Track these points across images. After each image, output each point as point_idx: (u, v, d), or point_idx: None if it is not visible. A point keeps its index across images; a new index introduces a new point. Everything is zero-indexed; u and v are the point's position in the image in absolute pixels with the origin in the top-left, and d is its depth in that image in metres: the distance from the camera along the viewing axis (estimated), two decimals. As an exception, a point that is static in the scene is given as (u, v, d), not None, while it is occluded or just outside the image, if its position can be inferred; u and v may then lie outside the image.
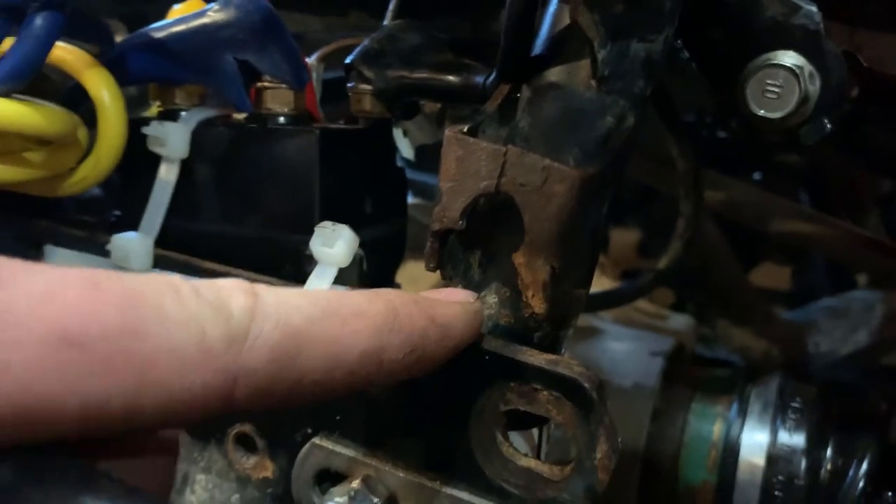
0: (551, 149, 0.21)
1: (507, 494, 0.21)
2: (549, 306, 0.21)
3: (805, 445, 0.33)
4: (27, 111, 0.21)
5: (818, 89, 0.28)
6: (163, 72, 0.26)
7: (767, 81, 0.28)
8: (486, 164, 0.20)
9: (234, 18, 0.24)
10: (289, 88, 0.25)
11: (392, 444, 0.22)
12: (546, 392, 0.20)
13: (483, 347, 0.21)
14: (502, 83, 0.23)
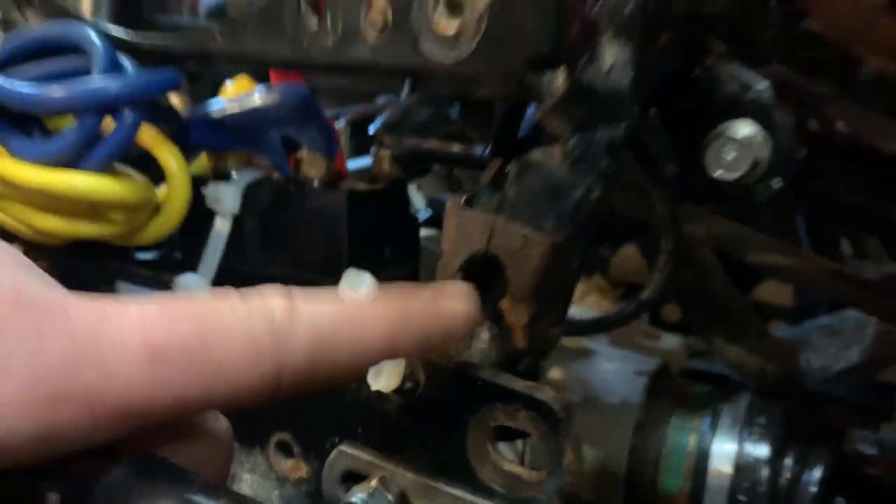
0: (532, 216, 0.26)
1: (495, 493, 0.26)
2: (529, 343, 0.26)
3: (768, 456, 0.38)
4: (116, 185, 0.26)
5: (769, 154, 0.32)
6: (218, 142, 0.31)
7: (724, 147, 0.32)
8: (478, 231, 0.25)
9: (277, 102, 0.29)
10: (321, 157, 0.31)
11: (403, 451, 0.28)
12: (525, 412, 0.25)
13: (478, 376, 0.26)
14: (495, 157, 0.28)
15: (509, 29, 0.21)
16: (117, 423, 0.18)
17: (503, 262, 0.25)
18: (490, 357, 0.27)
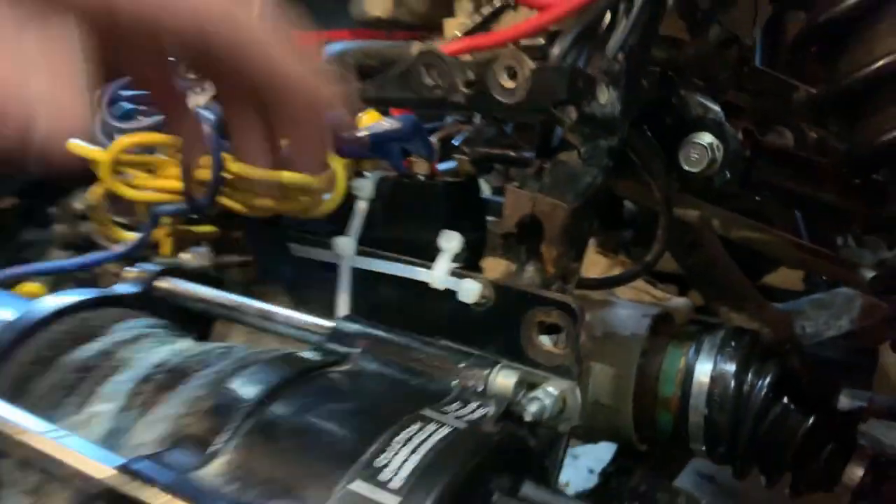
0: (559, 193, 0.42)
1: (537, 364, 0.43)
2: (557, 271, 0.42)
3: (734, 371, 0.53)
4: (307, 178, 0.44)
5: (722, 154, 0.48)
6: (360, 153, 0.49)
7: (692, 150, 0.48)
8: (526, 202, 0.42)
9: (398, 127, 0.47)
10: (425, 160, 0.48)
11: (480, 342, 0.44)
12: (556, 311, 0.42)
13: (527, 290, 0.42)
14: (536, 158, 0.45)
15: (543, 85, 0.38)
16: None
17: (542, 221, 0.41)
18: (535, 281, 0.43)
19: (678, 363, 0.56)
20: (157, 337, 0.37)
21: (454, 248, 0.45)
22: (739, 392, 0.54)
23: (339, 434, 0.28)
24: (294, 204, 0.46)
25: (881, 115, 0.38)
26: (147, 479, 0.26)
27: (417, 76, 0.40)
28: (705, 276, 0.76)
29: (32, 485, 0.32)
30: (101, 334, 0.36)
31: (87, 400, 0.33)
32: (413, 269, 0.45)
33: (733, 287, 0.78)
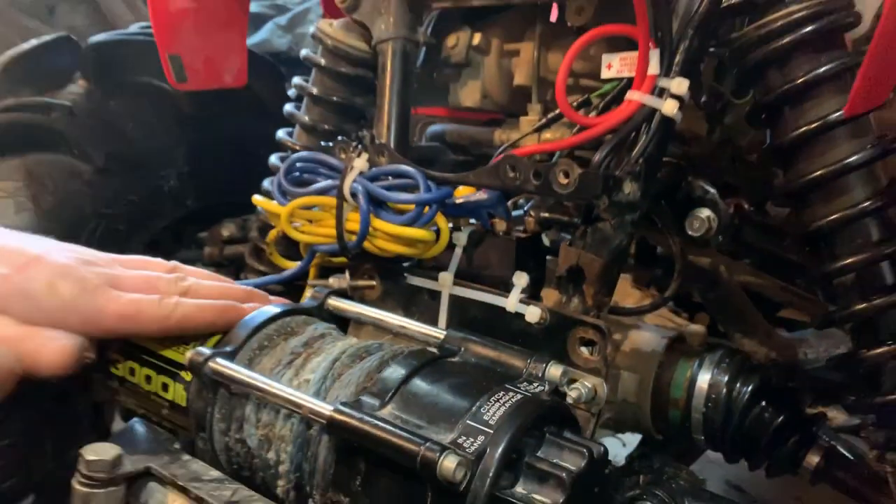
0: (596, 250, 0.62)
1: (577, 366, 0.62)
2: (593, 303, 0.62)
3: (726, 380, 0.72)
4: (426, 234, 0.65)
5: (716, 224, 0.68)
6: (457, 213, 0.70)
7: (694, 221, 0.68)
8: (573, 256, 0.62)
9: (486, 197, 0.67)
10: (504, 220, 0.69)
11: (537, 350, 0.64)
12: (592, 330, 0.61)
13: (571, 316, 0.62)
14: (582, 225, 0.65)
15: (586, 184, 0.58)
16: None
17: (583, 269, 0.61)
18: (578, 309, 0.63)
19: (686, 373, 0.75)
20: (334, 335, 0.59)
21: (523, 283, 0.65)
22: (729, 396, 0.72)
23: (457, 396, 0.49)
24: (413, 250, 0.67)
25: (811, 210, 0.57)
26: (350, 414, 0.47)
27: (504, 171, 0.61)
28: (722, 308, 0.94)
29: (264, 421, 0.53)
30: (300, 332, 0.58)
31: (298, 372, 0.54)
32: (494, 297, 0.66)
33: (745, 317, 0.95)
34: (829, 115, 0.57)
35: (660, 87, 0.60)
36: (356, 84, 0.83)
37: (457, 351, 0.55)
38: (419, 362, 0.52)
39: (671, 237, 0.73)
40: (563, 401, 0.53)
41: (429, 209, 0.65)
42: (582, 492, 0.46)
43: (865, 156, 0.56)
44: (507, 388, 0.49)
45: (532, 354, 0.55)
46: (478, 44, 0.80)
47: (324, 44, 0.83)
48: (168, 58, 0.81)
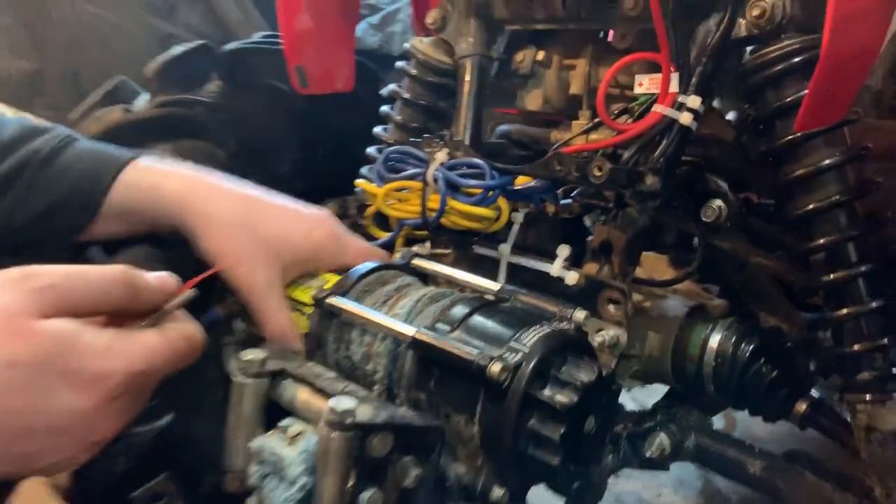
0: (623, 230, 0.79)
1: (604, 319, 0.80)
2: (619, 270, 0.79)
3: (732, 341, 0.88)
4: (490, 212, 0.83)
5: (726, 212, 0.83)
6: (516, 198, 0.88)
7: (707, 210, 0.84)
8: (605, 232, 0.79)
9: (539, 185, 0.85)
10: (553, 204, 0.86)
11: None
12: (617, 292, 0.79)
13: (603, 280, 0.80)
14: (614, 208, 0.82)
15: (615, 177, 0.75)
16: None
17: (612, 243, 0.78)
18: (607, 275, 0.80)
19: (701, 335, 0.91)
20: (417, 285, 0.78)
21: (565, 254, 0.83)
22: (734, 354, 0.88)
23: (504, 326, 0.67)
24: (479, 225, 0.86)
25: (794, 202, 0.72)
26: (428, 335, 0.66)
27: (553, 165, 0.79)
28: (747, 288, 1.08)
29: (366, 342, 0.73)
30: (392, 281, 0.77)
31: (391, 308, 0.74)
32: (542, 264, 0.84)
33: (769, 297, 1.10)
34: (811, 128, 0.73)
35: (679, 102, 0.76)
36: (440, 91, 1.02)
37: (507, 299, 0.74)
38: (479, 304, 0.70)
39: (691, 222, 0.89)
40: (583, 335, 0.71)
41: (492, 193, 0.83)
42: (592, 398, 0.63)
43: (837, 160, 0.72)
44: (542, 323, 0.68)
45: (564, 303, 0.72)
46: (541, 59, 0.97)
47: (416, 57, 1.02)
48: (294, 68, 1.01)
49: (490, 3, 0.95)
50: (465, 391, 0.65)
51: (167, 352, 0.57)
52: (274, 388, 0.70)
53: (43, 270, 0.52)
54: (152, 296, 0.59)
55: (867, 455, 0.74)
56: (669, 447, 0.84)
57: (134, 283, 0.57)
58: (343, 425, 0.59)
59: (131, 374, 0.53)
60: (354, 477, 0.62)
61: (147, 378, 0.56)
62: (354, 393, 0.67)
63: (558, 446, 0.62)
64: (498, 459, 0.65)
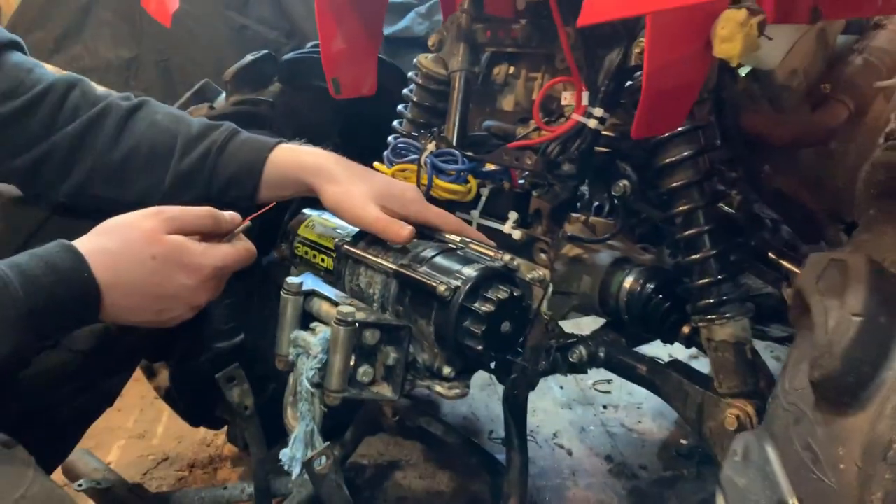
0: (553, 199, 1.13)
1: (537, 263, 1.14)
2: (547, 229, 1.13)
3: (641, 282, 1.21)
4: (464, 189, 1.18)
5: (630, 190, 1.16)
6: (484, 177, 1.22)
7: (616, 187, 1.17)
8: (536, 203, 1.12)
9: (500, 169, 1.20)
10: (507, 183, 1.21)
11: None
12: (545, 244, 1.13)
13: (537, 236, 1.14)
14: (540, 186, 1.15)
15: (540, 165, 1.09)
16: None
17: (542, 210, 1.12)
18: (540, 233, 1.14)
19: (620, 278, 1.24)
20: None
21: (513, 217, 1.17)
22: (641, 292, 1.21)
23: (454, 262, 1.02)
24: (456, 196, 1.21)
25: (663, 182, 1.05)
26: (407, 269, 1.02)
27: (502, 155, 1.13)
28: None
29: (368, 274, 1.10)
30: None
31: (385, 253, 1.10)
32: (499, 225, 1.19)
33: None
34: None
35: (589, 111, 1.09)
36: (439, 95, 1.37)
37: (463, 247, 1.09)
38: (441, 249, 1.06)
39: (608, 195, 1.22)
40: (509, 271, 1.05)
41: (463, 174, 1.18)
42: (507, 309, 0.99)
43: (689, 154, 1.04)
44: (481, 262, 1.03)
45: (500, 250, 1.07)
46: (512, 72, 1.31)
47: (421, 70, 1.37)
48: (331, 80, 1.38)
49: (474, 31, 1.29)
50: (426, 304, 1.01)
51: (236, 255, 0.95)
52: (306, 302, 1.08)
53: (168, 208, 0.90)
54: (227, 225, 0.96)
55: (710, 359, 1.06)
56: (586, 356, 1.19)
57: (217, 216, 0.94)
58: (346, 322, 0.96)
59: (216, 267, 0.92)
60: (354, 357, 0.99)
61: (225, 270, 0.93)
62: (357, 307, 1.04)
63: (481, 338, 0.97)
64: (446, 348, 1.01)
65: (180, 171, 1.09)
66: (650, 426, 1.97)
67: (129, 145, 1.08)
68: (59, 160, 1.06)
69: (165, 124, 1.10)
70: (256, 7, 3.11)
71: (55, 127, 1.05)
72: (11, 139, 1.03)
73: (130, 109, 1.11)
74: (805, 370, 0.64)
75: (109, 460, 1.81)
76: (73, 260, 0.81)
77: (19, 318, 0.75)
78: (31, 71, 1.05)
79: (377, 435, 1.80)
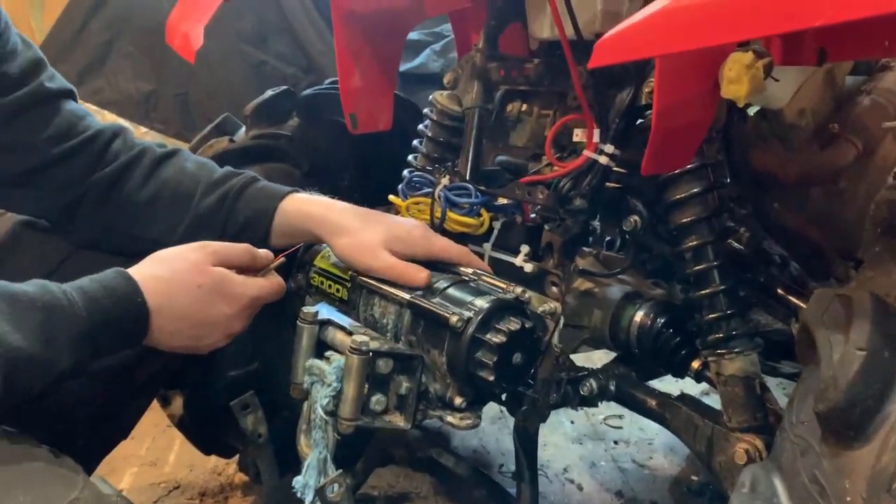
0: (564, 233, 1.15)
1: (549, 296, 1.16)
2: (559, 262, 1.14)
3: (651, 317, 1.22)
4: (475, 222, 1.21)
5: (640, 224, 1.18)
6: (496, 210, 1.25)
7: (627, 222, 1.19)
8: (548, 237, 1.15)
9: (512, 203, 1.22)
10: (519, 216, 1.23)
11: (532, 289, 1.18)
12: (556, 276, 1.15)
13: (549, 270, 1.16)
14: (559, 219, 1.17)
15: (551, 200, 1.11)
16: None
17: (553, 244, 1.14)
18: (551, 266, 1.16)
19: (631, 312, 1.25)
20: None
21: (525, 251, 1.19)
22: (651, 326, 1.22)
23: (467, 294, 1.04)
24: (468, 229, 1.23)
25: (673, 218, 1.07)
26: (418, 297, 1.04)
27: (514, 190, 1.16)
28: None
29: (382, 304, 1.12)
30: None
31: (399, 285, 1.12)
32: (511, 258, 1.21)
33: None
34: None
35: (600, 148, 1.12)
36: (453, 131, 1.40)
37: (475, 279, 1.11)
38: (454, 280, 1.08)
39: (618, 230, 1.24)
40: (519, 303, 1.07)
41: (476, 208, 1.21)
42: (518, 341, 1.00)
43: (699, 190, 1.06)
44: (493, 294, 1.05)
45: (512, 283, 1.09)
46: (525, 109, 1.34)
47: (436, 106, 1.41)
48: (349, 115, 1.41)
49: (488, 70, 1.33)
50: (439, 334, 1.03)
51: (270, 289, 1.04)
52: (321, 331, 1.10)
53: (212, 242, 0.99)
54: (262, 260, 1.05)
55: (720, 393, 1.07)
56: (597, 389, 1.20)
57: (254, 252, 1.03)
58: (360, 351, 0.98)
59: (253, 297, 1.00)
60: (367, 386, 1.00)
61: (259, 301, 1.02)
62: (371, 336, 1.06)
63: (492, 369, 0.99)
64: (458, 379, 1.03)
65: (198, 213, 1.13)
66: (661, 462, 1.97)
67: (156, 187, 1.14)
68: (93, 199, 1.13)
69: (192, 170, 1.16)
70: (274, 43, 3.19)
71: (96, 169, 1.13)
72: (57, 178, 1.10)
73: (163, 156, 1.17)
74: (811, 403, 0.66)
75: (122, 487, 1.82)
76: (129, 285, 0.89)
77: (81, 336, 0.82)
78: (83, 118, 1.14)
79: (387, 466, 1.80)
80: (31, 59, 1.10)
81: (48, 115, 1.09)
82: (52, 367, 0.80)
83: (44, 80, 1.09)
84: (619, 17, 1.11)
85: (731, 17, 0.56)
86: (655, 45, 0.66)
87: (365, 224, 1.13)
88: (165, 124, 3.43)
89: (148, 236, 1.12)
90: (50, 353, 0.79)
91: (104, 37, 3.24)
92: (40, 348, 0.78)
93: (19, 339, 0.76)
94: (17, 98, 1.06)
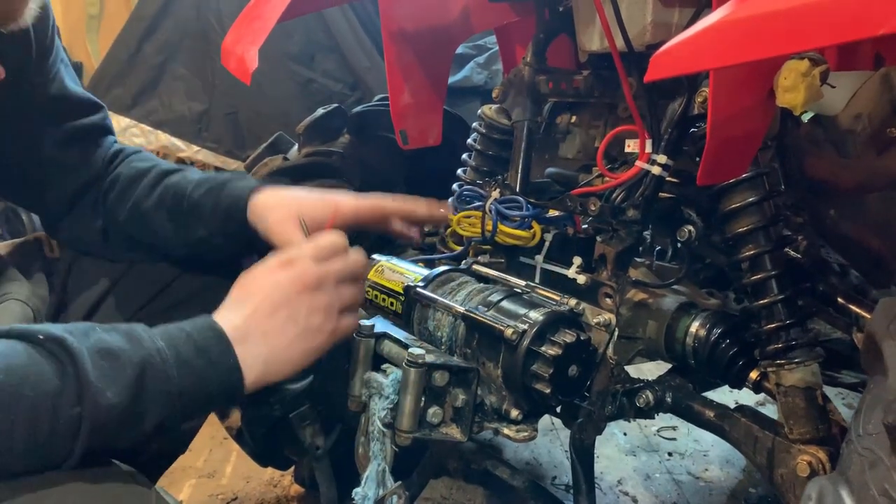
0: (617, 245, 1.15)
1: (602, 308, 1.16)
2: (612, 274, 1.15)
3: (707, 328, 1.21)
4: (526, 234, 1.21)
5: (694, 234, 1.17)
6: (546, 222, 1.25)
7: (681, 232, 1.18)
8: (601, 249, 1.14)
9: (564, 215, 1.23)
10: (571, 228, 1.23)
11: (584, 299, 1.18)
12: (610, 288, 1.15)
13: (603, 282, 1.16)
14: (611, 229, 1.17)
15: (603, 211, 1.12)
16: None
17: (606, 255, 1.14)
18: (605, 277, 1.16)
19: (686, 323, 1.24)
20: (473, 282, 1.17)
21: (578, 262, 1.19)
22: (707, 338, 1.21)
23: (521, 307, 1.05)
24: (520, 242, 1.24)
25: (729, 227, 1.06)
26: (473, 311, 1.05)
27: (565, 202, 1.16)
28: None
29: (437, 317, 1.13)
30: (456, 279, 1.17)
31: (454, 296, 1.13)
32: (563, 269, 1.21)
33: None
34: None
35: (652, 158, 1.12)
36: (502, 145, 1.41)
37: (528, 291, 1.12)
38: (508, 293, 1.09)
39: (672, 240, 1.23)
40: (574, 315, 1.07)
41: (527, 220, 1.22)
42: (573, 353, 1.00)
43: (755, 199, 1.05)
44: (547, 306, 1.05)
45: (565, 295, 1.10)
46: (574, 121, 1.35)
47: (485, 120, 1.42)
48: (399, 131, 1.44)
49: (537, 83, 1.34)
50: (494, 347, 1.04)
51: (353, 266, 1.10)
52: (378, 345, 1.11)
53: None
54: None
55: (779, 403, 1.06)
56: (653, 400, 1.19)
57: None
58: (416, 364, 0.99)
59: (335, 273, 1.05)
60: (424, 398, 1.01)
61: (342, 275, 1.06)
62: (427, 349, 1.07)
63: (548, 381, 0.99)
64: (513, 391, 1.03)
65: (193, 201, 1.18)
66: (717, 474, 1.94)
67: (160, 192, 1.22)
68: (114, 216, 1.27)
69: (194, 176, 1.23)
70: (322, 61, 3.24)
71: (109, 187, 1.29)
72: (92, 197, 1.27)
73: (173, 169, 1.26)
74: (879, 414, 0.65)
75: (181, 499, 1.86)
76: (219, 344, 0.88)
77: (170, 398, 0.81)
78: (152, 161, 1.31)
79: (440, 478, 1.81)
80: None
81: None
82: (138, 424, 0.79)
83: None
84: (670, 27, 1.11)
85: (790, 28, 0.56)
86: (713, 58, 0.66)
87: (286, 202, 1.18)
88: (217, 143, 3.51)
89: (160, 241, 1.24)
90: (138, 407, 0.78)
91: (157, 59, 3.34)
92: (129, 403, 0.77)
93: (110, 396, 0.75)
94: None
